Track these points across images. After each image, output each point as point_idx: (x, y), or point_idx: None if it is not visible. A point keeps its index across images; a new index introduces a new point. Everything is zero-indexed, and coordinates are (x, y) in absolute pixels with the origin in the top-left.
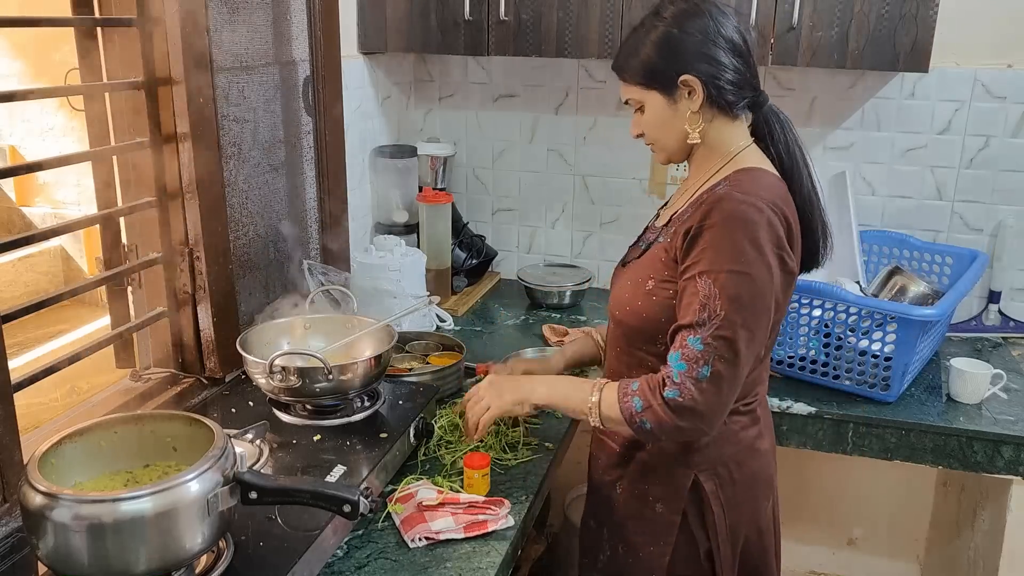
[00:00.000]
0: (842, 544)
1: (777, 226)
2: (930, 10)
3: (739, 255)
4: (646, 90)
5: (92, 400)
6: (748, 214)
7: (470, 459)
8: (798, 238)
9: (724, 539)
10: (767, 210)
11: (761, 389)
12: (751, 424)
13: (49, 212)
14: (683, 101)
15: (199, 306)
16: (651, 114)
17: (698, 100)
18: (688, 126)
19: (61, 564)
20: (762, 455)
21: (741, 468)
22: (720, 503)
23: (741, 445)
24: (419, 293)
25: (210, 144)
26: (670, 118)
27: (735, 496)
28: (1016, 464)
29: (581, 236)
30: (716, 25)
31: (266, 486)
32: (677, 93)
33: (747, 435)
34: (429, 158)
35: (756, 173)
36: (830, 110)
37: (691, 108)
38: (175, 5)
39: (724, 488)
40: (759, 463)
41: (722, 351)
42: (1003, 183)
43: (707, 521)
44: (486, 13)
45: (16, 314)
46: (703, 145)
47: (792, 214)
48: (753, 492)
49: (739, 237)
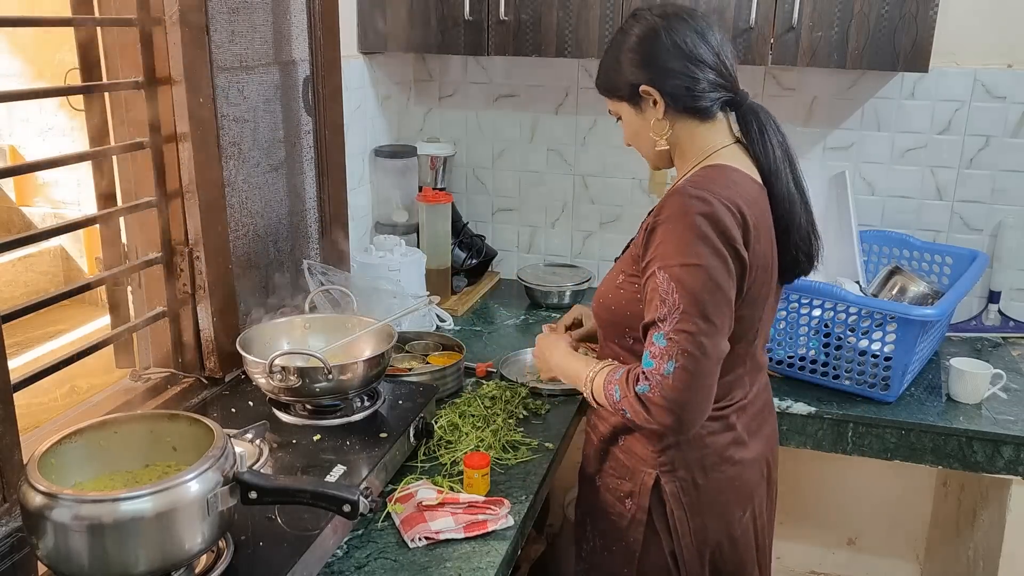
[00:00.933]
0: (842, 544)
1: (725, 219)
2: (930, 10)
3: (689, 248)
4: (618, 102)
5: (92, 400)
6: (695, 207)
7: (470, 459)
8: (764, 240)
9: (688, 544)
10: (716, 203)
11: (739, 394)
12: (722, 431)
13: (49, 212)
14: (649, 110)
15: (199, 306)
16: (626, 124)
17: (661, 108)
18: (652, 133)
19: (61, 564)
20: (737, 464)
21: (707, 474)
22: (682, 506)
23: (708, 450)
24: (419, 293)
25: (210, 144)
26: (640, 127)
27: (699, 502)
28: (1016, 464)
29: (581, 236)
30: (674, 38)
31: (266, 486)
32: (643, 103)
33: (716, 441)
34: (429, 158)
35: (718, 170)
36: (830, 110)
37: (656, 116)
38: (175, 5)
39: (686, 492)
40: (731, 472)
41: (684, 345)
42: (1003, 183)
43: (670, 523)
44: (486, 13)
45: (16, 314)
46: (678, 149)
47: (756, 214)
48: (721, 500)
49: (688, 231)
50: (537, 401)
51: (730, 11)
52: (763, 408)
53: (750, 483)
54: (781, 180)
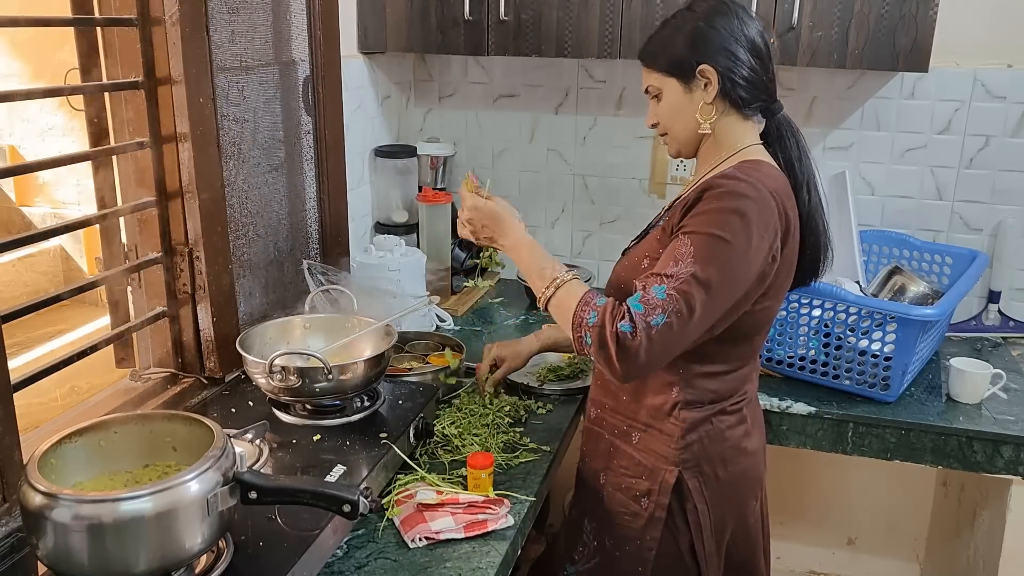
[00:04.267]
0: (842, 544)
1: (772, 210)
2: (930, 10)
3: (724, 223)
4: (666, 77)
5: (92, 400)
6: (744, 190)
7: (474, 459)
8: (795, 238)
9: (708, 536)
10: (765, 192)
11: (750, 388)
12: (738, 423)
13: (49, 212)
14: (698, 91)
15: (199, 306)
16: (667, 102)
17: (713, 91)
18: (700, 115)
19: (61, 564)
20: (750, 455)
21: (727, 467)
22: (704, 500)
23: (727, 444)
24: (419, 293)
25: (210, 144)
26: (685, 106)
27: (720, 494)
28: (1016, 464)
29: (581, 236)
30: (741, 25)
31: (266, 486)
32: (694, 83)
33: (734, 434)
34: (429, 158)
35: (762, 165)
36: (830, 110)
37: (705, 99)
38: (175, 5)
39: (708, 486)
40: (746, 463)
41: (679, 305)
42: (1003, 183)
43: (691, 518)
44: (486, 13)
45: (16, 314)
46: (712, 139)
47: (793, 212)
48: (739, 491)
49: (729, 208)
50: (537, 401)
51: None
52: (755, 397)
53: (759, 472)
54: (809, 194)
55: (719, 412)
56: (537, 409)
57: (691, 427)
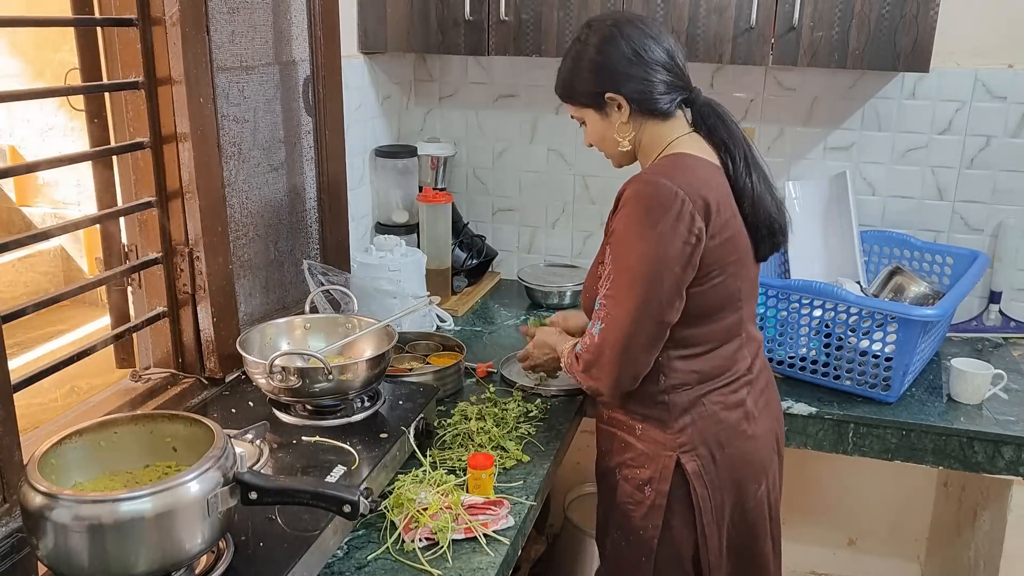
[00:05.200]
0: (842, 544)
1: (676, 198)
2: (931, 10)
3: (635, 228)
4: (582, 108)
5: (92, 400)
6: (641, 189)
7: (475, 460)
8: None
9: (710, 520)
10: (666, 184)
11: (742, 367)
12: (734, 406)
13: (49, 212)
14: (614, 114)
15: (199, 306)
16: (591, 128)
17: (625, 112)
18: (618, 135)
19: (61, 564)
20: (750, 439)
21: (723, 449)
22: (704, 484)
23: (722, 426)
24: (419, 293)
25: (210, 144)
26: (606, 130)
27: (718, 477)
28: (1017, 464)
29: (581, 236)
30: (632, 45)
31: (266, 486)
32: (607, 108)
33: (729, 416)
34: (429, 158)
35: (674, 158)
36: (830, 110)
37: (621, 119)
38: (175, 5)
39: (707, 469)
40: (746, 447)
41: (609, 309)
42: (1004, 183)
43: (693, 502)
44: (486, 13)
45: (16, 314)
46: (641, 146)
47: (715, 191)
48: (738, 474)
49: (631, 209)
50: (537, 402)
51: (730, 11)
52: (767, 385)
53: (763, 457)
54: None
55: (708, 392)
56: (537, 410)
57: (682, 410)
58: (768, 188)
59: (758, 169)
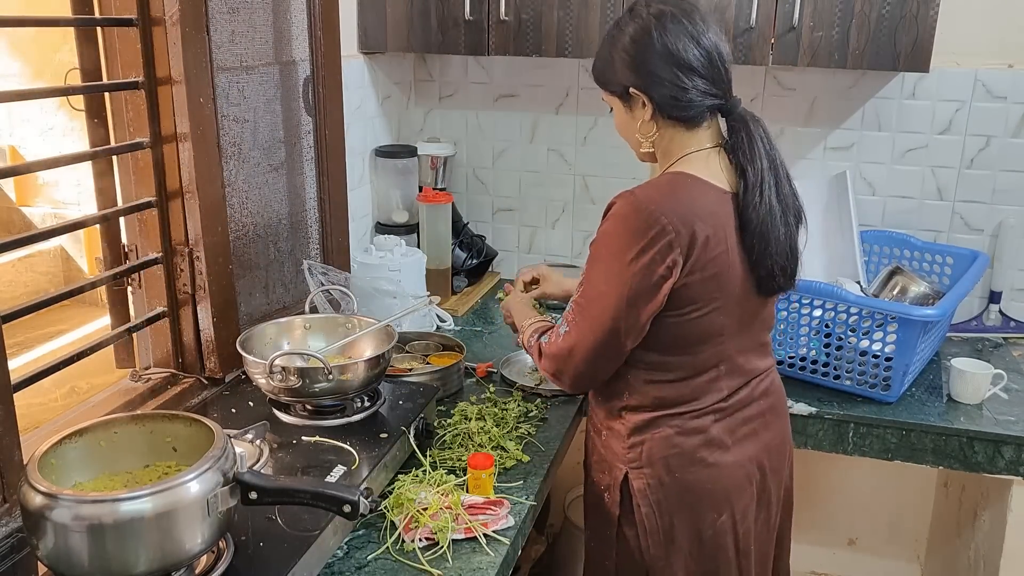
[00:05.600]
0: (842, 544)
1: (653, 225)
2: (931, 10)
3: (608, 245)
4: (610, 96)
5: (92, 400)
6: (620, 209)
7: (475, 460)
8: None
9: (657, 541)
10: (648, 209)
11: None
12: (693, 432)
13: (49, 212)
14: (637, 110)
15: (199, 306)
16: (616, 118)
17: (648, 111)
18: (639, 135)
19: (61, 564)
20: (711, 467)
21: (674, 474)
22: (649, 503)
23: (676, 450)
24: (419, 293)
25: (210, 144)
26: (628, 123)
27: (666, 500)
28: (1017, 464)
29: (581, 236)
30: (667, 42)
31: (266, 486)
32: (632, 102)
33: (685, 442)
34: (429, 158)
35: (673, 177)
36: (830, 110)
37: (643, 118)
38: (175, 5)
39: (653, 490)
40: (703, 474)
41: (576, 317)
42: (1004, 183)
43: (637, 519)
44: (486, 13)
45: (16, 314)
46: (661, 150)
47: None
48: (690, 501)
49: (614, 230)
50: (537, 402)
51: (731, 11)
52: (761, 413)
53: (727, 487)
54: (760, 191)
55: (666, 417)
56: (537, 410)
57: (635, 429)
58: (783, 226)
59: (781, 202)
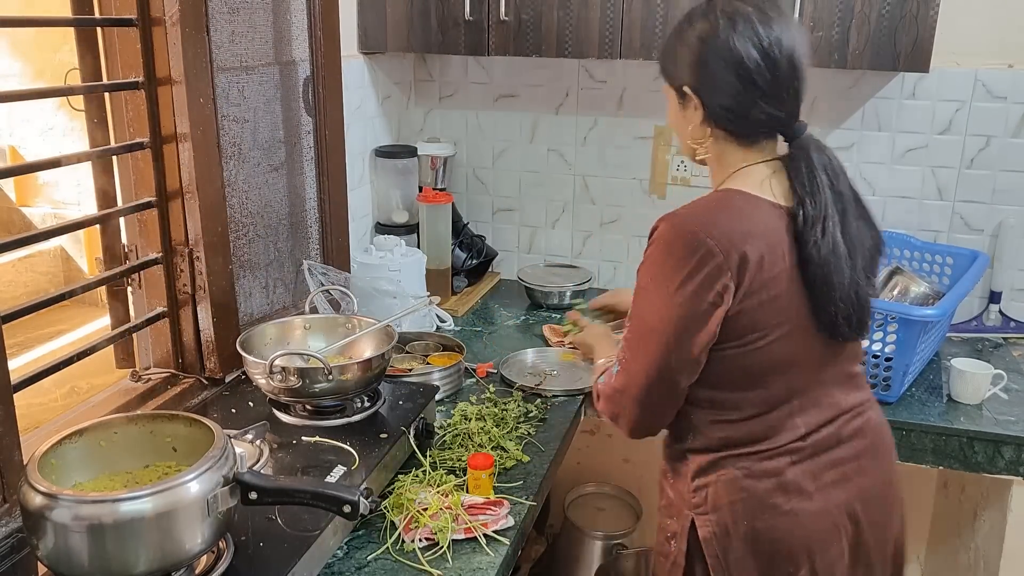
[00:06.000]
0: None
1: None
2: (931, 10)
3: (653, 274)
4: (668, 88)
5: (92, 400)
6: (671, 236)
7: (474, 460)
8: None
9: None
10: (694, 236)
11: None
12: (764, 475)
13: (49, 212)
14: (691, 111)
15: (199, 306)
16: (669, 111)
17: (700, 116)
18: (691, 140)
19: (61, 565)
20: (787, 515)
21: (742, 522)
22: (715, 554)
23: (744, 495)
24: (419, 293)
25: (210, 144)
26: (680, 121)
27: (734, 551)
28: (1017, 464)
29: (581, 236)
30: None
31: (266, 486)
32: (686, 101)
33: (755, 486)
34: (429, 158)
35: (724, 196)
36: (830, 110)
37: (695, 120)
38: (175, 5)
39: (718, 538)
40: (779, 523)
41: (626, 355)
42: (1004, 183)
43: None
44: (486, 13)
45: (16, 314)
46: (714, 160)
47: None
48: (761, 552)
49: (659, 256)
50: (537, 402)
51: None
52: (855, 456)
53: (808, 538)
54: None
55: (732, 457)
56: (538, 410)
57: (700, 471)
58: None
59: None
